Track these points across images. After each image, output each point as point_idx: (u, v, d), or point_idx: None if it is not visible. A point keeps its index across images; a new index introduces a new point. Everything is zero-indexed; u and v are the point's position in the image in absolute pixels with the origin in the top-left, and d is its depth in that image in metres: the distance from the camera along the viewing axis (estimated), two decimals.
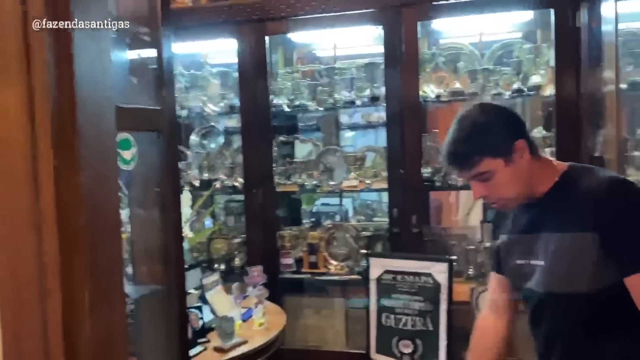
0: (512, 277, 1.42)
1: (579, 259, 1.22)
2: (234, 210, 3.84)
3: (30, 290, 0.69)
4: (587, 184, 1.25)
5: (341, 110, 3.88)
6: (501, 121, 1.29)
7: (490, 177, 1.27)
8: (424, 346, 3.11)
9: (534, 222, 1.34)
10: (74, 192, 0.71)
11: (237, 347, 2.12)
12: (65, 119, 0.71)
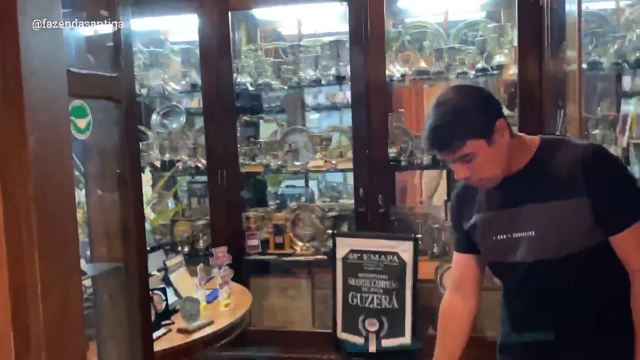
0: (491, 253, 1.42)
1: (570, 225, 1.28)
2: (197, 191, 3.76)
3: None
4: (570, 153, 1.30)
5: (306, 89, 3.83)
6: (481, 103, 1.30)
7: (473, 158, 1.28)
8: (390, 324, 3.14)
9: (514, 196, 1.35)
10: (22, 158, 0.65)
11: (203, 329, 2.08)
12: (10, 80, 0.65)
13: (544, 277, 1.33)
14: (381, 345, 3.13)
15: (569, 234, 1.28)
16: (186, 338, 2.02)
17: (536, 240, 1.31)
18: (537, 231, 1.31)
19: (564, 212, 1.28)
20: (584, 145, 1.33)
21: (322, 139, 3.48)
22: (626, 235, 1.24)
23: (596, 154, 1.29)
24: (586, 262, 1.29)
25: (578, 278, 1.31)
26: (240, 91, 3.59)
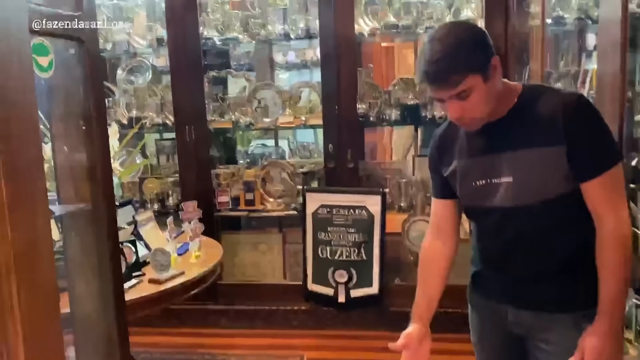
0: (469, 198, 1.45)
1: (548, 172, 1.31)
2: (166, 149, 3.73)
3: None
4: (552, 101, 1.32)
5: (275, 45, 3.79)
6: (479, 38, 1.29)
7: (468, 95, 1.26)
8: (358, 275, 3.23)
9: (495, 142, 1.37)
10: None
11: (174, 279, 2.11)
12: None
13: (520, 222, 1.37)
14: (350, 296, 3.24)
15: (545, 181, 1.31)
16: (157, 288, 2.05)
17: (514, 186, 1.34)
18: (515, 177, 1.34)
19: (542, 159, 1.31)
20: (566, 94, 1.36)
21: (291, 95, 3.47)
22: (596, 183, 1.29)
23: (577, 103, 1.31)
24: (560, 208, 1.33)
25: (551, 223, 1.35)
26: (208, 47, 3.53)
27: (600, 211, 1.31)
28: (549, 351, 1.39)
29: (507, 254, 1.43)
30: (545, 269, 1.39)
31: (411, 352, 1.44)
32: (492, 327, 1.52)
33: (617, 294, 1.29)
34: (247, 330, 3.34)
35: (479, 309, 1.56)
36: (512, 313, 1.44)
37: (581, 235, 1.36)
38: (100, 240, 1.20)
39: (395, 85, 3.37)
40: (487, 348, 1.56)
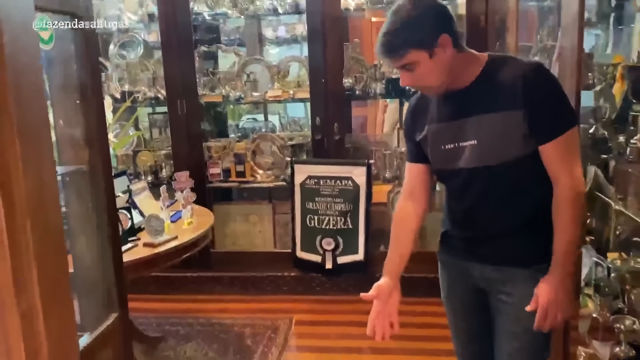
0: (439, 161, 1.56)
1: (508, 135, 1.41)
2: (158, 122, 3.83)
3: None
4: (514, 69, 1.41)
5: (264, 20, 3.86)
6: (429, 16, 1.37)
7: (415, 68, 1.38)
8: (345, 243, 3.38)
9: (462, 108, 1.47)
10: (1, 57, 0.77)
11: (167, 243, 2.24)
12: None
13: (483, 182, 1.48)
14: (337, 262, 3.39)
15: (506, 143, 1.41)
16: (152, 251, 2.18)
17: (477, 149, 1.45)
18: (479, 140, 1.45)
19: (503, 123, 1.40)
20: (528, 63, 1.46)
21: (279, 69, 3.57)
22: (552, 145, 1.39)
23: (537, 71, 1.42)
24: (520, 170, 1.44)
25: (512, 183, 1.47)
26: (198, 22, 3.60)
27: (557, 171, 1.43)
28: (508, 302, 1.53)
29: (471, 213, 1.55)
30: (506, 227, 1.52)
31: (382, 302, 1.58)
32: (458, 282, 1.66)
33: (569, 247, 1.42)
34: (239, 295, 3.50)
35: (447, 266, 1.69)
36: (476, 268, 1.57)
37: (539, 196, 1.48)
38: (99, 199, 1.33)
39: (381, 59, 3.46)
40: (455, 302, 1.70)
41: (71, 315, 0.93)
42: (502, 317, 1.55)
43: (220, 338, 3.00)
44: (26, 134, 0.81)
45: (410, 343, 2.82)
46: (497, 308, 1.57)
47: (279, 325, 3.11)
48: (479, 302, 1.62)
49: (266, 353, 2.82)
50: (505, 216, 1.51)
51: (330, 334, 3.00)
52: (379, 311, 1.58)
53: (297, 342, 2.96)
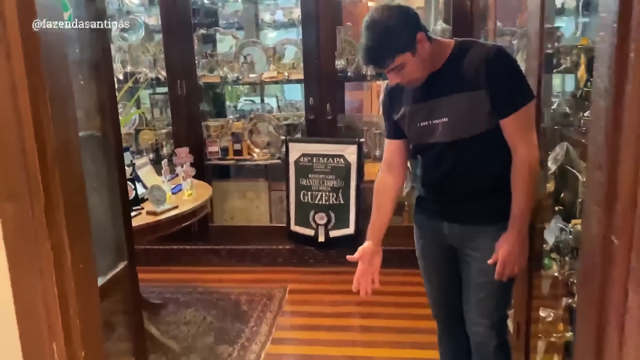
0: (416, 137, 1.74)
1: (474, 111, 1.59)
2: (159, 102, 3.99)
3: (6, 102, 0.94)
4: (477, 52, 1.59)
5: (261, 5, 4.00)
6: (403, 20, 1.54)
7: (402, 68, 1.55)
8: (336, 217, 3.57)
9: (434, 89, 1.65)
10: (33, 36, 0.94)
11: (168, 211, 2.42)
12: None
13: (454, 153, 1.67)
14: (329, 236, 3.58)
15: (472, 119, 1.60)
16: (154, 218, 2.36)
17: (449, 125, 1.63)
18: (450, 117, 1.63)
19: (470, 101, 1.58)
20: (489, 47, 1.63)
21: (275, 51, 3.72)
22: (511, 119, 1.58)
23: (498, 54, 1.58)
24: (485, 142, 1.63)
25: (479, 153, 1.65)
26: (197, 6, 3.74)
27: (515, 141, 1.61)
28: (475, 256, 1.72)
29: (444, 180, 1.74)
30: (473, 190, 1.71)
31: (365, 263, 1.78)
32: (431, 240, 1.85)
33: (525, 206, 1.61)
34: (236, 267, 3.69)
35: (421, 226, 1.88)
36: (447, 227, 1.76)
37: (501, 164, 1.66)
38: (110, 161, 1.50)
39: None
40: (428, 258, 1.89)
41: (91, 252, 1.12)
42: (469, 269, 1.74)
43: (218, 305, 3.19)
44: (55, 98, 0.99)
45: (395, 309, 3.03)
46: (465, 262, 1.76)
47: (274, 294, 3.31)
48: (449, 257, 1.81)
49: (261, 318, 3.02)
50: (472, 181, 1.70)
51: (321, 301, 3.20)
52: (362, 270, 1.79)
53: (290, 308, 3.16)
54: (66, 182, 1.01)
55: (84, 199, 1.07)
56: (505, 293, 1.74)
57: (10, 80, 0.93)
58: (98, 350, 1.13)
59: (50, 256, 1.00)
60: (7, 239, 1.00)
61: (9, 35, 0.91)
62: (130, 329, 1.56)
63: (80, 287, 1.07)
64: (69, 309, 1.05)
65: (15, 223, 0.99)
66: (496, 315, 1.74)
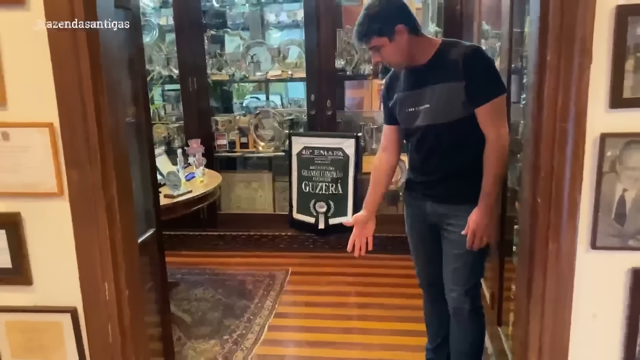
0: (404, 122, 2.02)
1: (451, 100, 1.86)
2: (171, 98, 4.27)
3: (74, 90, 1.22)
4: (458, 50, 1.87)
5: (266, 7, 4.27)
6: (388, 11, 1.83)
7: (379, 49, 1.84)
8: (335, 206, 3.84)
9: (420, 80, 1.93)
10: (95, 37, 1.22)
11: (183, 195, 2.70)
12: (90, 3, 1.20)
13: (434, 136, 1.93)
14: (328, 223, 3.86)
15: (450, 106, 1.86)
16: (171, 200, 2.63)
17: (430, 111, 1.91)
18: (431, 104, 1.90)
19: (449, 91, 1.85)
20: (468, 46, 1.92)
21: (279, 51, 4.00)
22: (484, 108, 1.84)
23: (474, 51, 1.87)
24: (461, 128, 1.89)
25: (455, 138, 1.91)
26: (207, 9, 4.02)
27: (486, 129, 1.87)
28: (453, 231, 1.98)
29: (426, 161, 2.01)
30: (449, 172, 1.97)
31: (359, 228, 2.07)
32: (417, 218, 2.12)
33: (492, 185, 1.87)
34: (242, 252, 3.97)
35: (409, 205, 2.16)
36: (430, 206, 2.03)
37: (474, 150, 1.92)
38: (142, 143, 1.78)
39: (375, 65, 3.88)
40: (415, 234, 2.17)
41: (133, 213, 1.39)
42: (448, 243, 2.01)
43: (225, 284, 3.47)
44: (109, 88, 1.27)
45: (388, 288, 3.31)
46: (445, 236, 2.03)
47: (277, 275, 3.59)
48: (433, 233, 2.08)
49: (265, 295, 3.30)
50: (449, 164, 1.97)
51: (320, 282, 3.48)
52: (357, 234, 2.07)
53: (291, 287, 3.43)
54: (116, 155, 1.29)
55: (129, 170, 1.35)
56: (478, 264, 2.01)
57: (77, 72, 1.21)
58: (138, 292, 1.41)
59: (104, 211, 1.28)
60: (72, 199, 1.28)
61: (78, 37, 1.19)
62: (156, 283, 1.84)
63: (125, 239, 1.35)
64: (117, 256, 1.33)
65: (78, 186, 1.27)
66: (469, 283, 2.01)
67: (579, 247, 1.14)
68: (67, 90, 1.21)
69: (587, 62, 1.06)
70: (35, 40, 1.20)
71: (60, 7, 1.18)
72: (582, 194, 1.11)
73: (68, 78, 1.21)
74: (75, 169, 1.26)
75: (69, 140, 1.24)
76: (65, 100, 1.22)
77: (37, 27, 1.20)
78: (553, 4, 1.07)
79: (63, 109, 1.23)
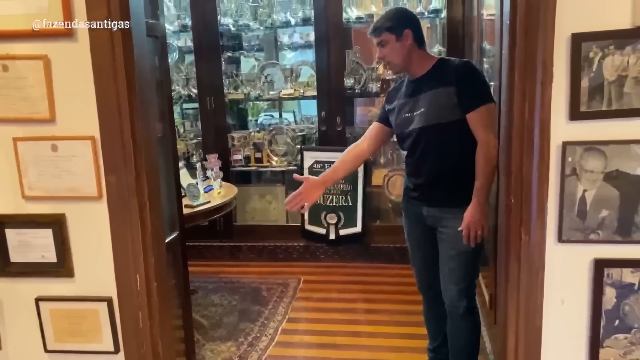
0: (400, 126, 2.21)
1: (444, 103, 2.05)
2: (190, 116, 4.52)
3: (113, 107, 1.43)
4: (451, 63, 2.11)
5: (279, 30, 4.52)
6: (401, 17, 2.12)
7: (385, 45, 2.07)
8: (345, 217, 4.02)
9: (417, 89, 2.14)
10: (131, 64, 1.43)
11: (202, 205, 2.90)
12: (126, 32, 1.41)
13: (426, 138, 2.11)
14: (338, 234, 4.03)
15: (442, 109, 2.06)
16: (191, 210, 2.84)
17: (423, 114, 2.11)
18: (425, 108, 2.11)
19: (441, 96, 2.06)
20: (460, 60, 2.16)
21: (292, 71, 4.23)
22: (474, 114, 2.02)
23: (465, 64, 2.11)
24: (452, 131, 2.06)
25: (447, 140, 2.08)
26: (223, 31, 4.27)
27: (478, 133, 2.04)
28: (448, 233, 2.15)
29: (419, 164, 2.19)
30: (443, 173, 2.13)
31: (306, 189, 2.17)
32: (414, 222, 2.29)
33: (483, 182, 2.02)
34: (256, 262, 4.16)
35: (406, 211, 2.33)
36: (426, 210, 2.20)
37: (466, 153, 2.08)
38: (167, 156, 1.99)
39: (378, 63, 4.10)
40: (413, 238, 2.34)
41: (162, 214, 1.59)
42: (443, 244, 2.17)
43: (241, 291, 3.66)
44: (143, 105, 1.48)
45: (395, 296, 3.46)
46: (440, 238, 2.19)
47: (289, 283, 3.76)
48: (429, 237, 2.24)
49: (278, 302, 3.47)
50: (442, 165, 2.13)
51: (331, 290, 3.64)
52: (301, 192, 2.18)
53: (303, 294, 3.60)
54: (148, 165, 1.50)
55: (158, 177, 1.55)
56: (472, 264, 2.16)
57: (116, 92, 1.42)
58: (165, 284, 1.61)
59: (137, 213, 1.48)
60: (110, 200, 1.48)
61: (117, 63, 1.40)
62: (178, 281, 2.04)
63: (155, 237, 1.55)
64: (147, 253, 1.53)
65: (115, 189, 1.47)
66: (464, 283, 2.16)
67: (548, 240, 1.31)
68: (106, 108, 1.43)
69: (549, 80, 1.24)
70: (81, 65, 1.42)
71: (102, 38, 1.39)
72: (549, 194, 1.29)
73: (108, 97, 1.42)
74: (112, 174, 1.46)
75: (108, 151, 1.45)
76: (105, 116, 1.43)
77: (82, 56, 1.41)
78: (519, 31, 1.26)
79: (103, 124, 1.44)
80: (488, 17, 3.30)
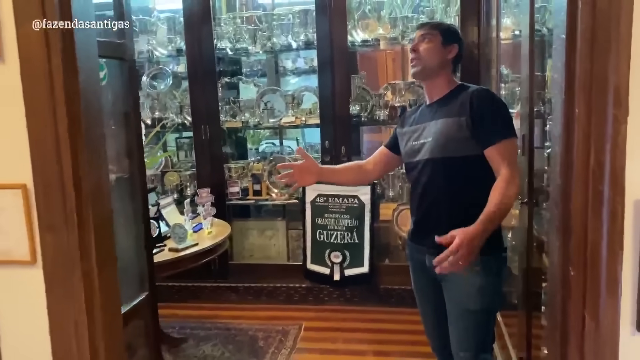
0: (407, 155, 1.99)
1: (453, 134, 1.80)
2: (184, 146, 4.22)
3: (50, 147, 1.11)
4: (468, 91, 1.86)
5: (280, 54, 4.25)
6: (457, 33, 1.97)
7: (429, 41, 1.88)
8: (351, 256, 3.67)
9: (428, 116, 1.93)
10: (76, 93, 1.13)
11: (189, 248, 2.58)
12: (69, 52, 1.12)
13: (431, 171, 1.85)
14: (344, 274, 3.68)
15: (450, 141, 1.80)
16: (176, 254, 2.52)
17: (430, 144, 1.86)
18: (432, 138, 1.86)
19: (451, 126, 1.81)
20: (477, 87, 1.90)
21: (293, 97, 3.93)
22: (494, 150, 1.75)
23: (483, 91, 1.85)
24: (460, 168, 1.80)
25: (453, 177, 1.82)
26: (221, 55, 4.01)
27: (499, 167, 1.74)
28: (450, 288, 1.85)
29: (422, 199, 1.91)
30: (447, 214, 1.82)
31: (303, 167, 2.06)
32: (420, 272, 1.98)
33: (494, 212, 1.67)
34: (253, 304, 3.80)
35: (411, 259, 2.03)
36: (428, 259, 1.86)
37: (474, 194, 1.76)
38: (136, 200, 1.68)
39: (386, 89, 3.81)
40: (419, 291, 2.03)
41: (116, 281, 1.27)
42: (447, 300, 1.86)
43: (236, 340, 3.30)
44: (90, 145, 1.16)
45: (407, 347, 3.08)
46: (445, 293, 1.87)
47: (289, 330, 3.39)
48: (436, 289, 1.93)
49: (276, 354, 3.11)
50: (446, 207, 1.85)
51: (336, 339, 3.27)
52: (296, 170, 2.08)
53: (305, 345, 3.23)
54: (97, 217, 1.18)
55: (112, 234, 1.23)
56: (484, 327, 1.82)
57: (54, 130, 1.11)
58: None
59: (81, 281, 1.16)
60: (45, 264, 1.16)
61: (56, 93, 1.09)
62: (150, 350, 1.70)
63: (106, 310, 1.21)
64: (96, 331, 1.20)
65: (53, 251, 1.15)
66: (476, 348, 1.82)
67: (622, 329, 0.97)
68: (42, 149, 1.11)
69: (623, 115, 0.91)
70: (9, 95, 1.11)
71: (37, 58, 1.09)
72: (624, 266, 0.95)
73: (43, 136, 1.11)
74: (49, 232, 1.15)
75: (44, 202, 1.14)
76: (39, 159, 1.12)
77: (11, 82, 1.11)
78: (580, 50, 0.94)
79: (37, 169, 1.12)
80: (505, 40, 3.02)
